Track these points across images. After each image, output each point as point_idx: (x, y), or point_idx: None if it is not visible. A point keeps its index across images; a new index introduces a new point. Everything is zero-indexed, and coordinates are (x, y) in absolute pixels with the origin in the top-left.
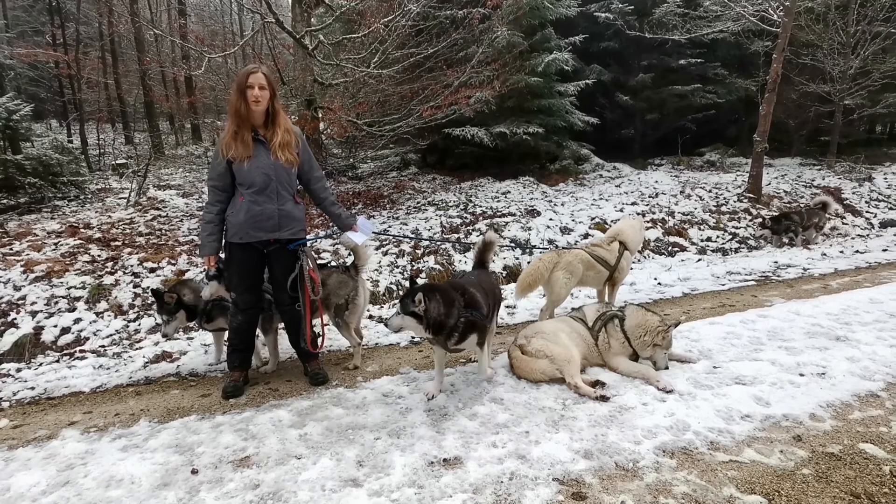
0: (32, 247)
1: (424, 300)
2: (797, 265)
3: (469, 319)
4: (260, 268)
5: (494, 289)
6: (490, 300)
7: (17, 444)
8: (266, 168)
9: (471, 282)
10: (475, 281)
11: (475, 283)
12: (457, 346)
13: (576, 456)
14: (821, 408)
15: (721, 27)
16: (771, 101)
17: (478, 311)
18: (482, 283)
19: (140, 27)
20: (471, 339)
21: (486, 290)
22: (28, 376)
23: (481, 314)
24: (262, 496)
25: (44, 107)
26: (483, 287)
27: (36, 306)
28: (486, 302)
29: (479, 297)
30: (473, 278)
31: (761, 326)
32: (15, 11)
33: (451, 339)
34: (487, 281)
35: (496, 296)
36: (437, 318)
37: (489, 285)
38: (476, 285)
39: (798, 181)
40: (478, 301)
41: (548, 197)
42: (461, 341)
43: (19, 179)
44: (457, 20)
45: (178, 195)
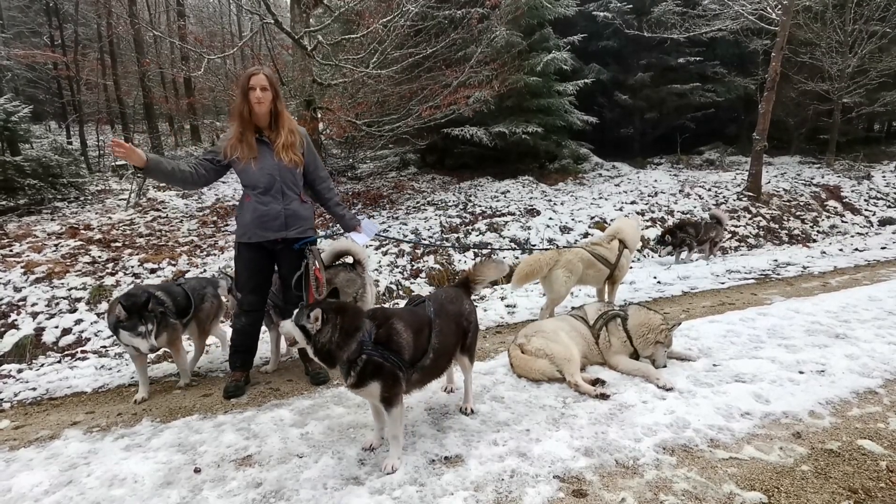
0: (33, 248)
1: (322, 317)
2: (797, 263)
3: (372, 360)
4: (268, 268)
5: (458, 320)
6: (437, 339)
7: (19, 445)
8: (270, 169)
9: (411, 314)
10: (421, 314)
11: (416, 318)
12: (355, 389)
13: (576, 454)
14: (820, 405)
15: (720, 26)
16: (770, 99)
17: (390, 353)
18: (441, 313)
19: (139, 28)
20: (371, 386)
21: (432, 327)
22: (29, 377)
23: (394, 360)
24: (265, 495)
25: (42, 108)
26: (423, 323)
27: (37, 307)
28: (420, 345)
29: (404, 337)
30: (424, 309)
31: (761, 324)
32: (10, 12)
33: (348, 376)
34: (451, 311)
35: (458, 329)
36: (325, 345)
37: (450, 317)
38: (412, 321)
39: (797, 179)
40: (395, 341)
41: (547, 196)
42: (359, 385)
43: (18, 181)
44: (455, 20)
45: (177, 196)
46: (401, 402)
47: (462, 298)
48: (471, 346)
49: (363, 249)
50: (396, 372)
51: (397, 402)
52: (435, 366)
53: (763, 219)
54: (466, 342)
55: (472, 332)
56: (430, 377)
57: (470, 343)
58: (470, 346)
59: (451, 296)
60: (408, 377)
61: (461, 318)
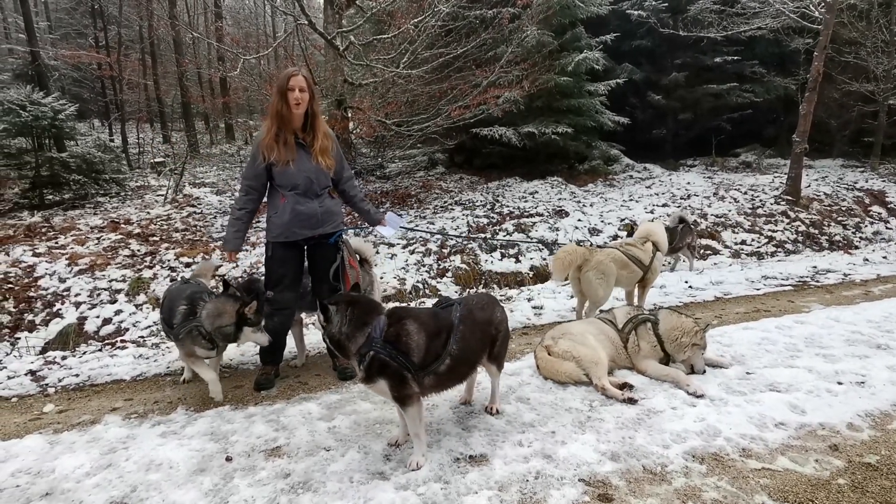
0: (76, 241)
1: (334, 308)
2: (837, 270)
3: (378, 357)
4: (301, 264)
5: (486, 328)
6: (457, 345)
7: (63, 428)
8: (308, 171)
9: (431, 316)
10: (443, 318)
11: (435, 321)
12: (366, 384)
13: (602, 457)
14: (859, 417)
15: (760, 24)
16: (812, 100)
17: (398, 353)
18: (468, 319)
19: (179, 30)
20: (380, 384)
21: (452, 332)
22: (72, 364)
23: (401, 361)
24: (293, 485)
25: (87, 107)
26: (442, 327)
27: (80, 298)
28: (433, 349)
29: (415, 339)
30: (449, 313)
31: (798, 333)
32: (58, 14)
33: (359, 370)
34: (479, 318)
35: (485, 337)
36: (335, 334)
37: (477, 324)
38: (429, 323)
39: (839, 183)
40: (404, 342)
41: (576, 197)
42: (368, 380)
43: (64, 176)
44: (486, 20)
45: (211, 192)
46: (416, 402)
47: (494, 305)
48: (499, 354)
49: (370, 248)
50: (403, 373)
51: (411, 402)
52: (454, 372)
53: (802, 224)
54: (494, 350)
55: (502, 340)
56: (449, 383)
57: (498, 351)
58: (498, 354)
59: (484, 302)
60: (418, 380)
61: (489, 326)
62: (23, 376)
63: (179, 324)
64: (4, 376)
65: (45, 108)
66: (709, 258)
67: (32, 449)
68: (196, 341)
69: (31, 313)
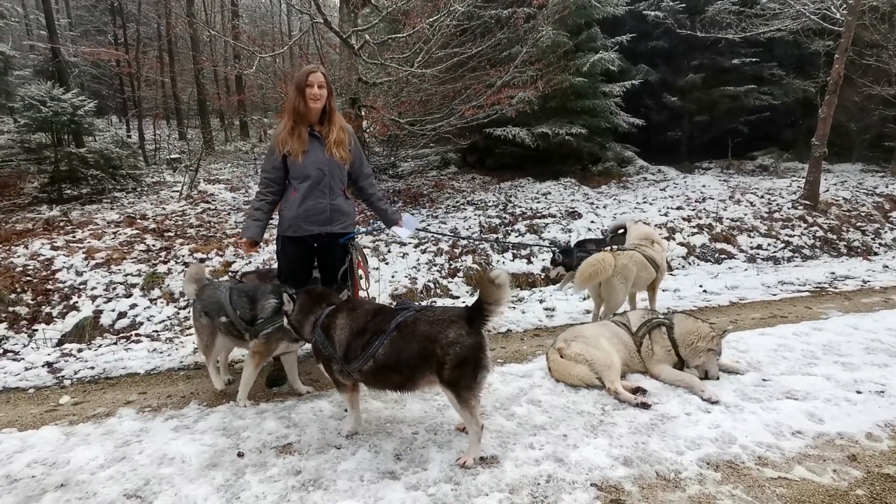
0: (94, 235)
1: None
2: (856, 277)
3: (314, 343)
4: (310, 263)
5: (426, 345)
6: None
7: (78, 420)
8: (320, 163)
9: (365, 314)
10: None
11: (365, 320)
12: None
13: (615, 462)
14: (878, 427)
15: (779, 25)
16: (831, 103)
17: (327, 342)
18: (407, 328)
19: (196, 28)
20: (319, 366)
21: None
22: (88, 356)
23: (330, 350)
24: (304, 482)
25: (105, 103)
26: (370, 328)
27: (96, 291)
28: (355, 346)
29: (338, 332)
30: (391, 316)
31: (816, 340)
32: (78, 11)
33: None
34: (420, 332)
35: (424, 353)
36: (292, 320)
37: (414, 337)
38: (358, 320)
39: (859, 188)
40: (331, 333)
41: (589, 199)
42: (316, 360)
43: (82, 171)
44: (501, 19)
45: (226, 189)
46: (347, 391)
47: (450, 325)
48: (454, 380)
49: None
50: (330, 361)
51: (342, 390)
52: (383, 377)
53: (820, 229)
54: (444, 373)
55: (454, 365)
56: (381, 385)
57: (451, 377)
58: (452, 380)
59: (438, 318)
60: (344, 371)
61: (432, 344)
62: (40, 368)
63: (269, 318)
64: (22, 367)
65: (65, 103)
66: (724, 262)
67: (48, 440)
68: (287, 335)
69: (48, 306)
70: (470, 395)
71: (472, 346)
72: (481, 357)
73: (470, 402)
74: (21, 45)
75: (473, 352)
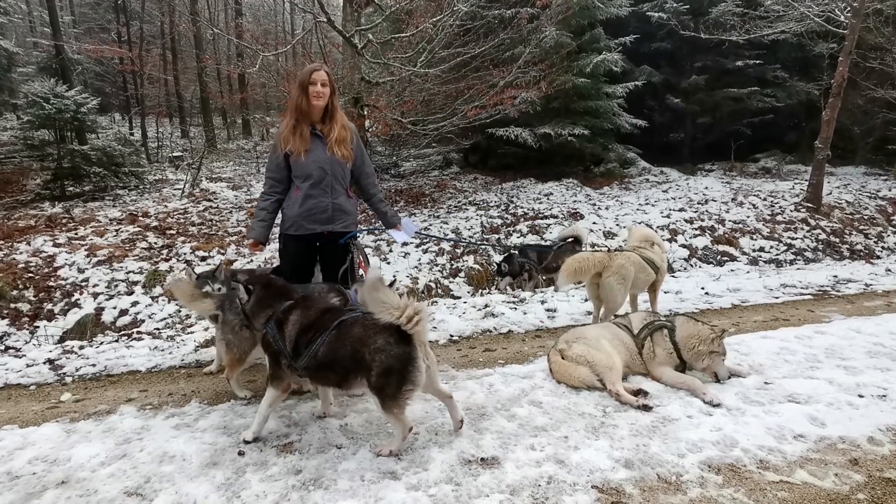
0: (96, 232)
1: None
2: (859, 280)
3: (265, 335)
4: (311, 262)
5: (358, 347)
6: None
7: (79, 417)
8: (322, 162)
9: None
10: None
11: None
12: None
13: (616, 464)
14: (880, 431)
15: (783, 28)
16: (835, 106)
17: (279, 336)
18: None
19: (200, 26)
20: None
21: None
22: (90, 354)
23: (280, 344)
24: (304, 482)
25: (108, 101)
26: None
27: (97, 288)
28: (301, 342)
29: (289, 328)
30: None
31: (818, 343)
32: (82, 8)
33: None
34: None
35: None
36: (246, 309)
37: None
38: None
39: (862, 191)
40: (283, 328)
41: (591, 200)
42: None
43: (85, 168)
44: (505, 20)
45: (228, 188)
46: (276, 387)
47: (380, 332)
48: (380, 388)
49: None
50: (279, 355)
51: (273, 384)
52: (321, 374)
53: (822, 232)
54: (372, 379)
55: (381, 373)
56: (323, 382)
57: (378, 384)
58: (378, 387)
59: (372, 322)
60: (290, 367)
61: (362, 347)
62: (41, 365)
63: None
64: (24, 364)
65: (68, 101)
66: (726, 264)
67: (49, 437)
68: None
69: (50, 303)
70: (394, 404)
71: (399, 357)
72: (409, 370)
73: (394, 410)
74: (25, 42)
75: (400, 362)
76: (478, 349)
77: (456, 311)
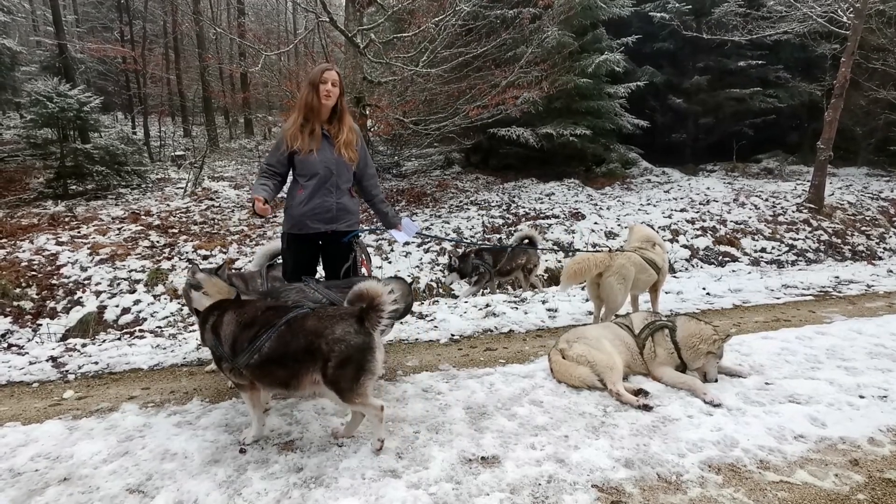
0: (98, 231)
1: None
2: (860, 281)
3: (209, 346)
4: (314, 261)
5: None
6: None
7: (82, 415)
8: (329, 162)
9: (253, 309)
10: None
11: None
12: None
13: (616, 464)
14: (881, 432)
15: (786, 28)
16: (837, 106)
17: (216, 340)
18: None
19: (202, 25)
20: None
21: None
22: (92, 351)
23: (217, 347)
24: (305, 479)
25: (111, 100)
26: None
27: (100, 287)
28: (241, 340)
29: (224, 328)
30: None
31: (819, 344)
32: (85, 8)
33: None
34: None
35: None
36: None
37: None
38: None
39: (864, 192)
40: (218, 330)
41: (593, 200)
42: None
43: (88, 167)
44: (507, 20)
45: (230, 187)
46: (247, 390)
47: (337, 321)
48: (336, 380)
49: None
50: (222, 360)
51: (242, 389)
52: (270, 372)
53: (824, 233)
54: (328, 372)
55: (338, 364)
56: (268, 381)
57: (334, 376)
58: (334, 379)
59: (328, 314)
60: (232, 368)
61: (318, 339)
62: (44, 362)
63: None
64: (26, 362)
65: (72, 99)
66: (727, 265)
67: (52, 434)
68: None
69: (52, 301)
70: (354, 394)
71: (359, 346)
72: (368, 359)
73: (355, 399)
74: (28, 41)
75: (359, 352)
76: (479, 348)
77: (457, 311)
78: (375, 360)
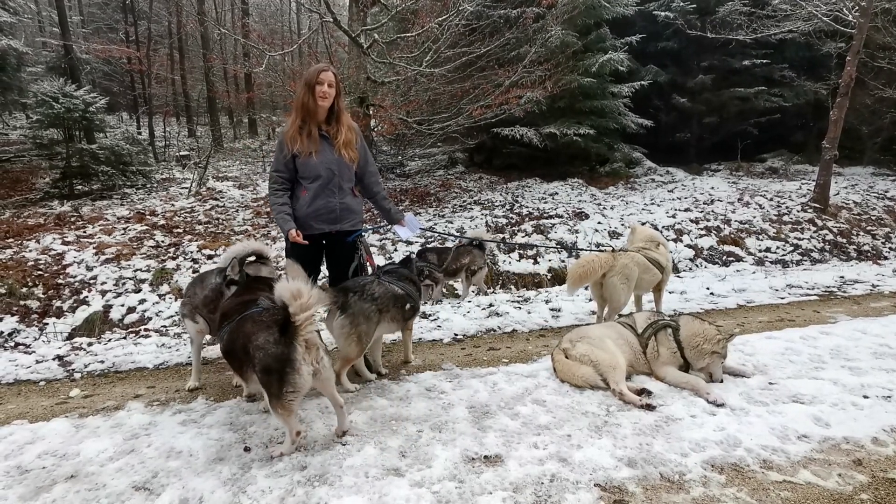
0: (104, 231)
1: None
2: (865, 281)
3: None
4: (318, 260)
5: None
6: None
7: (88, 413)
8: (330, 163)
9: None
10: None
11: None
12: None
13: (619, 463)
14: (885, 432)
15: (790, 27)
16: (843, 105)
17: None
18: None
19: (206, 26)
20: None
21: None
22: (98, 350)
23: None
24: (309, 478)
25: (116, 100)
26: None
27: (105, 286)
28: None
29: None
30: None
31: (823, 344)
32: (91, 8)
33: None
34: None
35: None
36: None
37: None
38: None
39: (870, 192)
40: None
41: (596, 200)
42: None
43: (93, 167)
44: (510, 19)
45: (234, 186)
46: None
47: (267, 330)
48: (265, 384)
49: (268, 248)
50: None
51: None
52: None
53: (829, 232)
54: (258, 375)
55: (261, 371)
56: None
57: (262, 380)
58: (263, 383)
59: (262, 318)
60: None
61: (247, 342)
62: (50, 361)
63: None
64: (33, 360)
65: (77, 100)
66: (731, 265)
67: (58, 432)
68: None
69: (59, 300)
70: (278, 404)
71: (277, 357)
72: (287, 371)
73: (278, 409)
74: (34, 41)
75: (278, 363)
76: (482, 348)
77: (460, 311)
78: (297, 373)
